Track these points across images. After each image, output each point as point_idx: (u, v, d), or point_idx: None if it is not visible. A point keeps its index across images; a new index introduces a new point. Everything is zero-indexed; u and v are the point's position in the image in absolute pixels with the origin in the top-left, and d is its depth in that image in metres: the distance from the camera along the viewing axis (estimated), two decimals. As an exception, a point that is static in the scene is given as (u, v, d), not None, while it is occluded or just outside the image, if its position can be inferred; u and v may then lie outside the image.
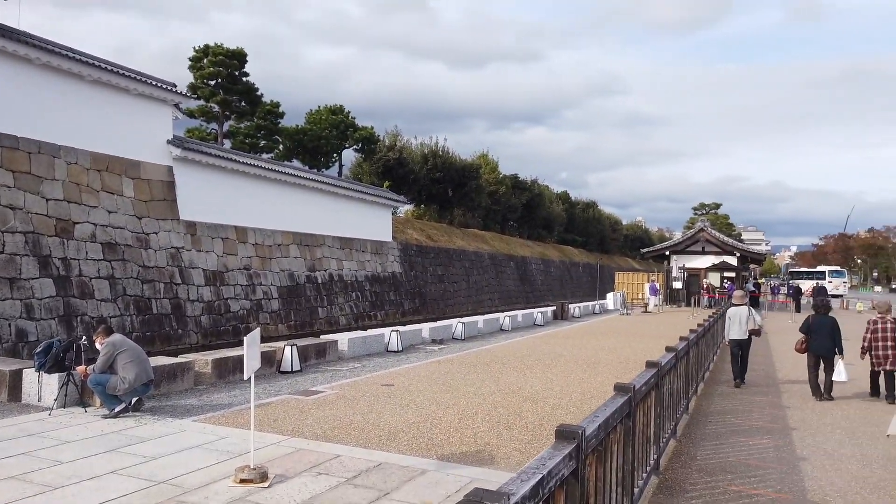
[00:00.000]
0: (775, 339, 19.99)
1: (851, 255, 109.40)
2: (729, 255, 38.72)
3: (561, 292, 54.80)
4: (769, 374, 13.26)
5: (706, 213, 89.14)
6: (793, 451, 7.16)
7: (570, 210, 70.98)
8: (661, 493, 5.67)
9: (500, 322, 22.54)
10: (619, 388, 4.81)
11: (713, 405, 9.71)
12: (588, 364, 13.49)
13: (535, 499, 2.63)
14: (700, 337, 11.00)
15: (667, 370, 6.85)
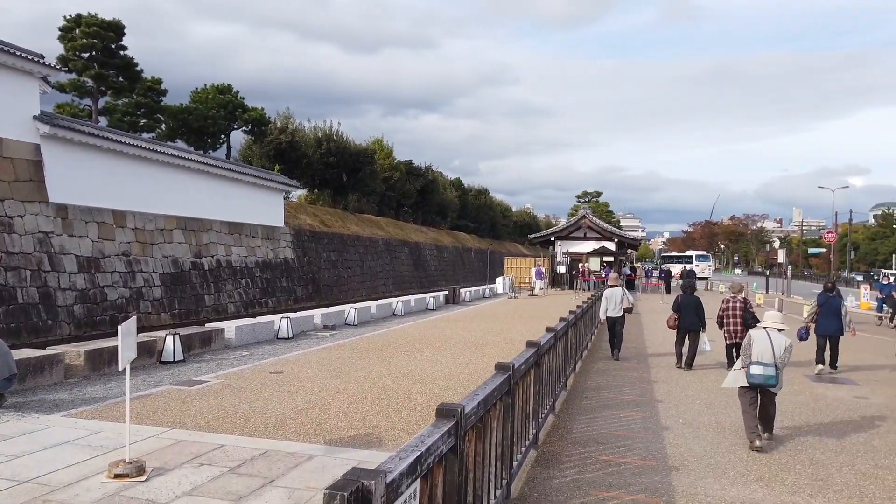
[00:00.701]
0: (647, 318, 21.48)
1: (716, 241, 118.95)
2: (608, 240, 40.93)
3: (454, 277, 55.71)
4: (640, 349, 14.45)
5: (588, 201, 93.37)
6: (658, 421, 7.78)
7: (463, 197, 72.08)
8: (538, 465, 6.01)
9: (394, 307, 22.67)
10: (500, 367, 5.04)
11: (590, 381, 10.32)
12: (476, 346, 13.90)
13: (414, 475, 2.75)
14: (579, 318, 11.63)
15: (546, 349, 7.22)
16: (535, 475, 5.70)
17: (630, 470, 5.91)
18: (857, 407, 8.94)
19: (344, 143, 45.12)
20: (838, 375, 11.47)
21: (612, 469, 5.92)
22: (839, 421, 8.07)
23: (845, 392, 9.97)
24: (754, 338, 7.10)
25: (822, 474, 5.96)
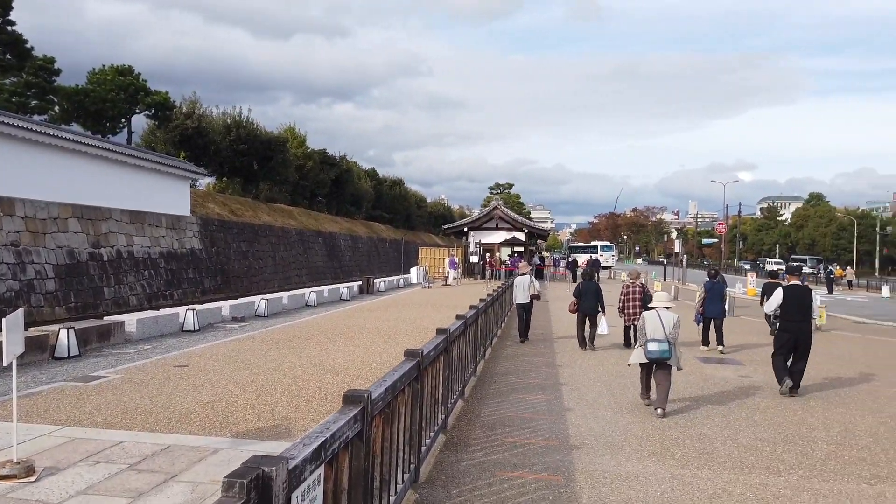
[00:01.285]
0: (554, 305, 22.26)
1: (619, 232, 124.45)
2: (519, 231, 41.95)
3: (368, 267, 55.42)
4: (547, 333, 15.13)
5: (500, 193, 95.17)
6: (561, 403, 8.11)
7: (378, 187, 71.68)
8: (447, 449, 6.14)
9: (306, 298, 22.35)
10: (409, 353, 5.12)
11: (499, 367, 10.60)
12: (389, 335, 13.96)
13: (318, 461, 2.77)
14: (489, 306, 11.92)
15: (456, 336, 7.37)
16: (443, 459, 5.84)
17: (534, 450, 6.14)
18: (741, 385, 9.66)
19: (255, 130, 43.82)
20: (725, 356, 12.32)
21: (518, 450, 6.14)
22: (725, 398, 8.69)
23: (731, 372, 10.73)
24: (647, 318, 7.85)
25: (707, 448, 6.42)
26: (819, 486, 5.44)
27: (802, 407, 8.30)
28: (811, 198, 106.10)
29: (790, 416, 7.78)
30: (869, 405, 8.54)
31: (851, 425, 7.45)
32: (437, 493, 4.98)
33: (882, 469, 5.91)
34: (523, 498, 4.92)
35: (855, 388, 9.71)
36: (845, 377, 10.54)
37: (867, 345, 15.13)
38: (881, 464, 6.07)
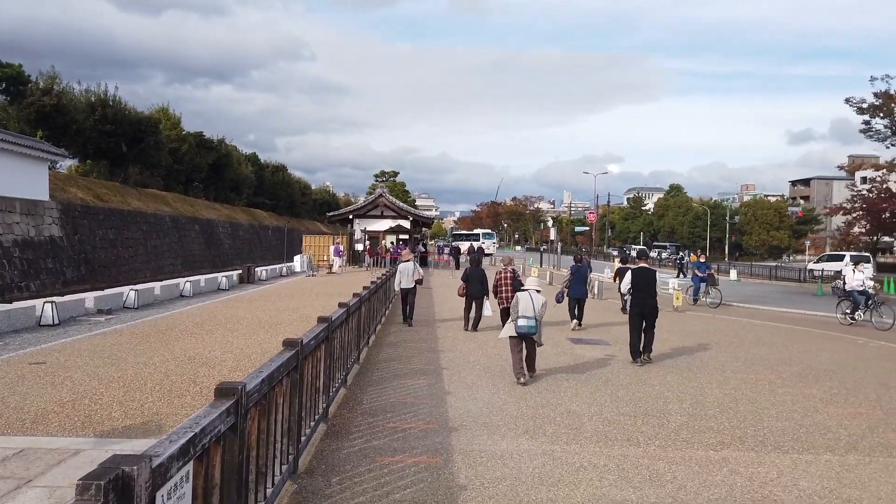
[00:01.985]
0: (438, 291, 22.67)
1: (500, 220, 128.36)
2: (404, 219, 42.20)
3: (250, 256, 53.54)
4: (430, 318, 15.62)
5: (386, 181, 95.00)
6: (442, 387, 8.31)
7: (259, 173, 69.22)
8: (328, 437, 6.14)
9: (181, 288, 21.28)
10: (288, 343, 5.06)
11: (382, 354, 10.67)
12: (270, 325, 13.64)
13: (186, 457, 2.69)
14: (373, 293, 11.94)
15: (338, 324, 7.35)
16: (324, 447, 5.83)
17: (414, 434, 6.27)
18: (608, 364, 10.33)
19: (122, 110, 40.86)
20: (593, 337, 13.12)
21: (398, 435, 6.25)
22: (593, 377, 9.26)
23: (599, 352, 11.45)
24: (520, 297, 8.85)
25: (576, 424, 6.84)
26: (672, 454, 5.95)
27: (660, 382, 9.01)
28: (671, 189, 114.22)
29: (649, 391, 8.44)
30: (717, 378, 9.42)
31: (701, 398, 8.20)
32: (317, 482, 4.98)
33: (726, 436, 6.57)
34: (402, 482, 5.02)
35: (706, 363, 10.65)
36: (697, 354, 11.54)
37: (717, 323, 16.61)
38: (725, 431, 6.73)
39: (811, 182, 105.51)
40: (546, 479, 5.19)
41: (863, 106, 35.11)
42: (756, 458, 5.89)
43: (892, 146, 36.54)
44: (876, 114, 34.96)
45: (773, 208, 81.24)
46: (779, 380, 9.46)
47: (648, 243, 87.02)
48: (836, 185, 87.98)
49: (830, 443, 6.43)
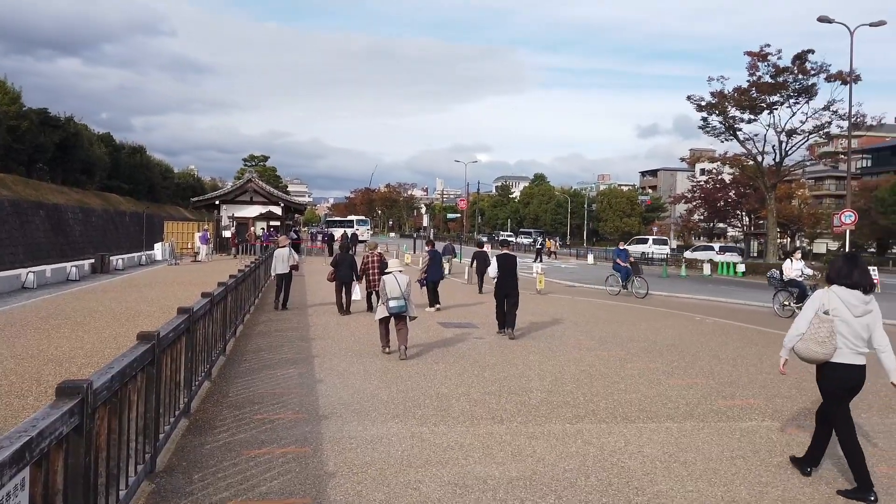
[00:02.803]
0: (311, 278, 22.37)
1: (374, 207, 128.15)
2: (275, 205, 41.00)
3: (104, 244, 49.66)
4: (303, 303, 15.92)
5: (256, 165, 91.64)
6: (313, 375, 8.23)
7: (115, 154, 64.14)
8: (190, 433, 5.91)
9: (23, 279, 19.40)
10: (143, 336, 4.81)
11: (251, 344, 10.38)
12: (128, 317, 12.81)
13: (20, 464, 2.50)
14: (240, 282, 11.55)
15: (200, 315, 7.06)
16: (185, 444, 5.61)
17: (283, 425, 6.18)
18: (475, 346, 10.70)
19: (-54, 80, 36.30)
20: (462, 320, 13.53)
21: (266, 426, 6.13)
22: (461, 359, 9.56)
23: (467, 334, 11.82)
24: (386, 281, 9.55)
25: (444, 405, 7.04)
26: (533, 429, 6.30)
27: (523, 362, 9.47)
28: (536, 178, 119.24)
29: (513, 371, 8.85)
30: (574, 356, 10.05)
31: (560, 375, 8.72)
32: (177, 480, 4.80)
33: (581, 410, 7.04)
34: (269, 473, 4.95)
35: (565, 342, 11.32)
36: (558, 334, 12.23)
37: (575, 305, 17.67)
38: (580, 405, 7.22)
39: (658, 173, 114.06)
40: (414, 461, 5.32)
41: (701, 104, 38.39)
42: (607, 429, 6.37)
43: (726, 141, 40.30)
44: (712, 111, 38.35)
45: (626, 197, 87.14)
46: (628, 355, 10.26)
47: (516, 229, 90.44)
48: (680, 175, 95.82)
49: (671, 411, 7.09)
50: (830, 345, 4.89)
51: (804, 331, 5.02)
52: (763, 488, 4.97)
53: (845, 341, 4.91)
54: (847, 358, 4.93)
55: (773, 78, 36.01)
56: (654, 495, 4.76)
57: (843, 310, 4.92)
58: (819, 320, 4.96)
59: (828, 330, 4.89)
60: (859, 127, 36.04)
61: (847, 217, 29.77)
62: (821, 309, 5.00)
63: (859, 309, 4.91)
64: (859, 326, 4.91)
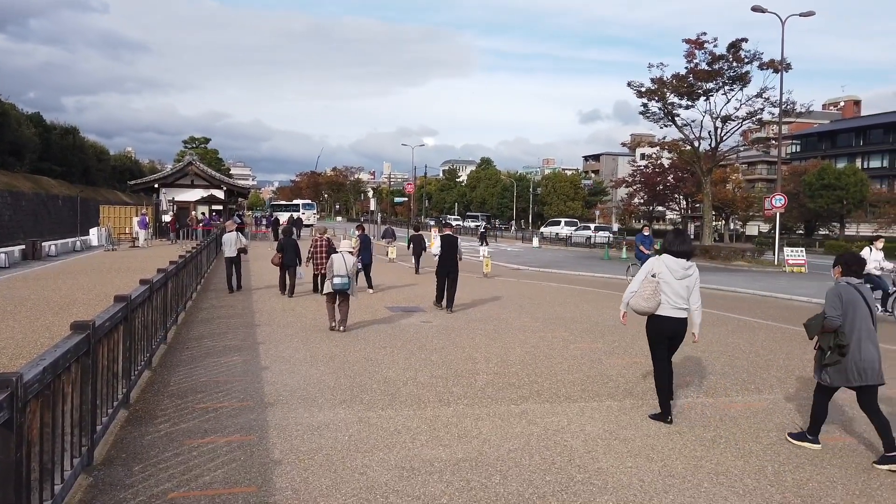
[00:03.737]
0: (255, 263, 22.00)
1: (321, 191, 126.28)
2: (217, 188, 39.96)
3: (36, 229, 47.47)
4: (247, 288, 15.99)
5: (196, 148, 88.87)
6: (258, 363, 8.13)
7: (45, 135, 61.17)
8: (130, 424, 5.76)
9: (-55, 268, 18.39)
10: (77, 326, 4.66)
11: (193, 331, 10.15)
12: (62, 306, 12.33)
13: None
14: (181, 268, 11.26)
15: (138, 303, 6.87)
16: (125, 435, 5.46)
17: (227, 413, 6.09)
18: (424, 329, 10.76)
19: None
20: (409, 305, 13.57)
21: (209, 415, 6.03)
22: (409, 343, 9.59)
23: (415, 319, 11.86)
24: (334, 259, 10.36)
25: (392, 390, 7.07)
26: (479, 411, 6.40)
27: (470, 345, 9.58)
28: (482, 162, 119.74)
29: (460, 354, 8.94)
30: (519, 338, 10.22)
31: (506, 356, 8.86)
32: (116, 472, 4.68)
33: (526, 391, 7.18)
34: (213, 462, 4.88)
35: (510, 324, 11.49)
36: (504, 316, 12.41)
37: (520, 288, 17.93)
38: (525, 386, 7.36)
39: (601, 157, 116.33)
40: (361, 446, 5.34)
41: (641, 90, 39.16)
42: (550, 409, 6.52)
43: (665, 126, 41.29)
44: (652, 97, 39.20)
45: (570, 181, 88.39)
46: (571, 336, 10.50)
47: (463, 213, 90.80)
48: (621, 160, 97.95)
49: (612, 390, 7.30)
50: (654, 301, 6.01)
51: (636, 289, 6.15)
52: (698, 462, 5.19)
53: (667, 299, 6.02)
54: (668, 312, 6.06)
55: (710, 65, 37.02)
56: (595, 472, 4.91)
57: (667, 274, 6.03)
58: (648, 281, 6.07)
59: (652, 289, 6.01)
60: (789, 114, 37.50)
61: (777, 200, 31.05)
62: (650, 272, 6.10)
63: (680, 273, 6.03)
64: (680, 287, 6.02)
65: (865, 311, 5.32)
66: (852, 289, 5.38)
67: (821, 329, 5.40)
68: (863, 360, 5.21)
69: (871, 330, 5.31)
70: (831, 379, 5.38)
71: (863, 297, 5.36)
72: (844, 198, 54.11)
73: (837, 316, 5.28)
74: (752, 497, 4.54)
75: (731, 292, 18.69)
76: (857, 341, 5.24)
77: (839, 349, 5.26)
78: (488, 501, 4.36)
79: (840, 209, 55.30)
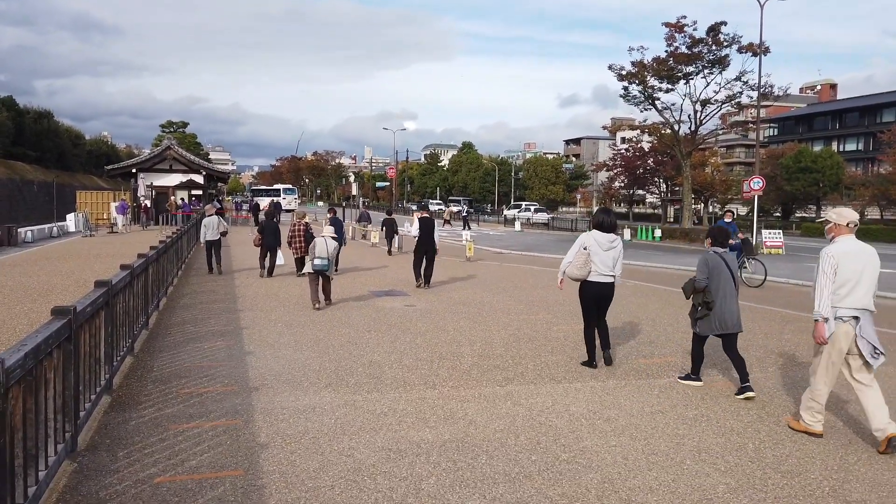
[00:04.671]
0: (236, 249, 21.85)
1: (302, 175, 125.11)
2: (196, 173, 39.45)
3: (11, 215, 46.57)
4: (228, 268, 16.86)
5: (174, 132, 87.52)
6: (242, 347, 8.09)
7: (18, 119, 59.78)
8: (113, 410, 5.72)
9: (-83, 255, 18.02)
10: (57, 311, 4.60)
11: (175, 317, 10.07)
12: (40, 292, 12.16)
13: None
14: (161, 253, 11.14)
15: (120, 288, 6.79)
16: (109, 421, 5.42)
17: (212, 398, 6.07)
18: (408, 313, 10.77)
19: None
20: (394, 289, 13.56)
21: (194, 400, 6.00)
22: (393, 326, 9.60)
23: (399, 302, 11.87)
24: (317, 242, 11.03)
25: (377, 373, 7.08)
26: (464, 393, 6.44)
27: (454, 328, 9.61)
28: (464, 146, 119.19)
29: (445, 337, 8.97)
30: (503, 321, 10.27)
31: (490, 339, 8.91)
32: (101, 458, 4.65)
33: (510, 372, 7.24)
34: (199, 447, 4.86)
35: (494, 308, 11.54)
36: (487, 300, 12.46)
37: (504, 271, 17.99)
38: (510, 368, 7.42)
39: (581, 141, 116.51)
40: (348, 429, 5.35)
41: (622, 73, 39.24)
42: (535, 390, 6.58)
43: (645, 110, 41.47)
44: (633, 80, 39.29)
45: (551, 165, 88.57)
46: (554, 318, 10.57)
47: (445, 197, 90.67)
48: (602, 144, 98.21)
49: (595, 371, 7.38)
50: (585, 269, 7.21)
51: (571, 260, 7.34)
52: (680, 440, 5.28)
53: (596, 267, 7.22)
54: (596, 278, 7.26)
55: (690, 49, 37.20)
56: (579, 451, 4.98)
57: (596, 246, 7.24)
58: (580, 254, 7.25)
59: (584, 259, 7.22)
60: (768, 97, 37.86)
61: (756, 183, 31.38)
62: (582, 246, 7.27)
63: (607, 245, 7.26)
64: (607, 258, 7.24)
65: (728, 274, 6.45)
66: (717, 257, 6.51)
67: (692, 290, 6.56)
68: (725, 313, 6.38)
69: (732, 290, 6.44)
70: (701, 329, 6.61)
71: (726, 263, 6.49)
72: (821, 180, 54.86)
73: (704, 279, 6.45)
74: (733, 473, 4.63)
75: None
76: (720, 299, 6.38)
77: (706, 305, 6.45)
78: (475, 481, 4.40)
79: (816, 192, 56.06)
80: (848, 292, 5.07)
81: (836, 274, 5.07)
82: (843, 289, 5.08)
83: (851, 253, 5.11)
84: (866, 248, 5.18)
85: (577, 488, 4.33)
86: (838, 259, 5.07)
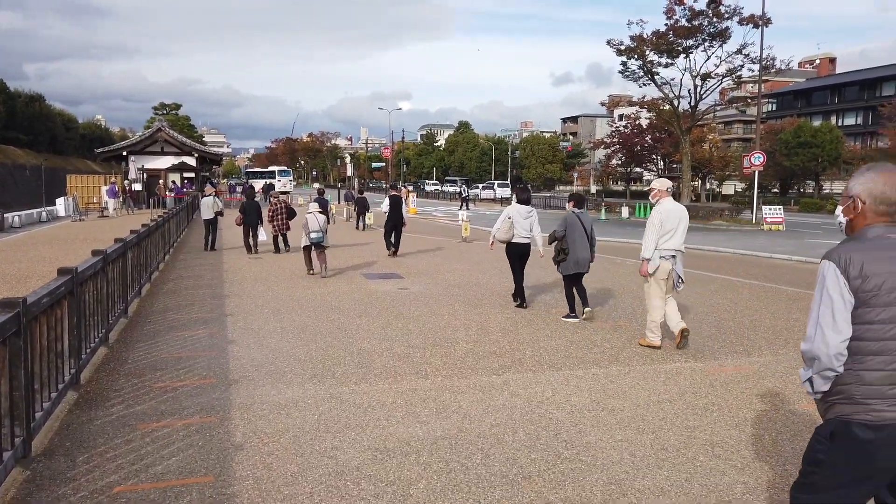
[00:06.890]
0: (228, 231, 21.34)
1: (297, 157, 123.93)
2: (188, 155, 38.83)
3: (2, 200, 45.95)
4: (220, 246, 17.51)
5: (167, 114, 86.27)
6: (225, 336, 7.67)
7: (9, 103, 58.62)
8: (78, 408, 5.30)
9: None
10: (4, 304, 4.15)
11: (157, 304, 9.64)
12: (18, 279, 11.71)
13: None
14: (144, 237, 10.68)
15: (88, 276, 6.35)
16: (72, 420, 5.01)
17: (187, 392, 5.65)
18: (401, 296, 10.34)
19: None
20: (386, 271, 13.13)
21: (168, 395, 5.58)
22: (385, 311, 9.18)
23: (391, 286, 11.43)
24: (308, 218, 12.14)
25: (366, 362, 6.67)
26: (458, 383, 6.03)
27: (449, 312, 9.19)
28: (460, 126, 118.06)
29: (438, 321, 8.55)
30: (500, 304, 9.85)
31: (486, 324, 8.49)
32: (58, 464, 4.23)
33: (507, 360, 6.82)
34: (168, 449, 4.45)
35: (490, 290, 11.13)
36: (482, 282, 12.04)
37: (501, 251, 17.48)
38: (506, 355, 7.00)
39: (578, 119, 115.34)
40: (332, 426, 4.94)
41: (621, 48, 38.43)
42: (534, 378, 6.17)
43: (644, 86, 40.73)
44: (631, 55, 38.50)
45: (548, 143, 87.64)
46: (553, 301, 10.15)
47: (441, 178, 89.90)
48: (599, 122, 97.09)
49: (597, 356, 6.97)
50: (510, 233, 9.20)
51: (500, 226, 9.28)
52: (691, 432, 4.88)
53: (518, 232, 9.20)
54: (518, 239, 9.25)
55: (690, 22, 36.39)
56: (583, 447, 4.58)
57: (517, 215, 9.24)
58: (504, 222, 9.24)
59: (508, 226, 9.21)
60: (769, 70, 37.14)
61: (756, 158, 30.84)
62: (507, 216, 9.25)
63: (524, 215, 9.26)
64: (525, 224, 9.24)
65: (581, 229, 8.47)
66: (574, 216, 8.55)
67: (553, 238, 8.68)
68: (577, 258, 8.44)
69: (584, 240, 8.46)
70: (563, 270, 8.56)
71: (580, 220, 8.51)
72: (820, 155, 54.23)
73: (563, 230, 8.52)
74: (750, 471, 4.24)
75: (712, 251, 18.51)
76: (573, 247, 8.43)
77: (563, 252, 8.48)
78: (469, 485, 4.00)
79: (815, 167, 55.46)
80: (669, 238, 6.93)
81: (662, 225, 6.90)
82: (666, 236, 6.93)
83: (672, 211, 6.98)
84: (680, 207, 7.11)
85: (581, 491, 3.93)
86: (664, 215, 6.93)
